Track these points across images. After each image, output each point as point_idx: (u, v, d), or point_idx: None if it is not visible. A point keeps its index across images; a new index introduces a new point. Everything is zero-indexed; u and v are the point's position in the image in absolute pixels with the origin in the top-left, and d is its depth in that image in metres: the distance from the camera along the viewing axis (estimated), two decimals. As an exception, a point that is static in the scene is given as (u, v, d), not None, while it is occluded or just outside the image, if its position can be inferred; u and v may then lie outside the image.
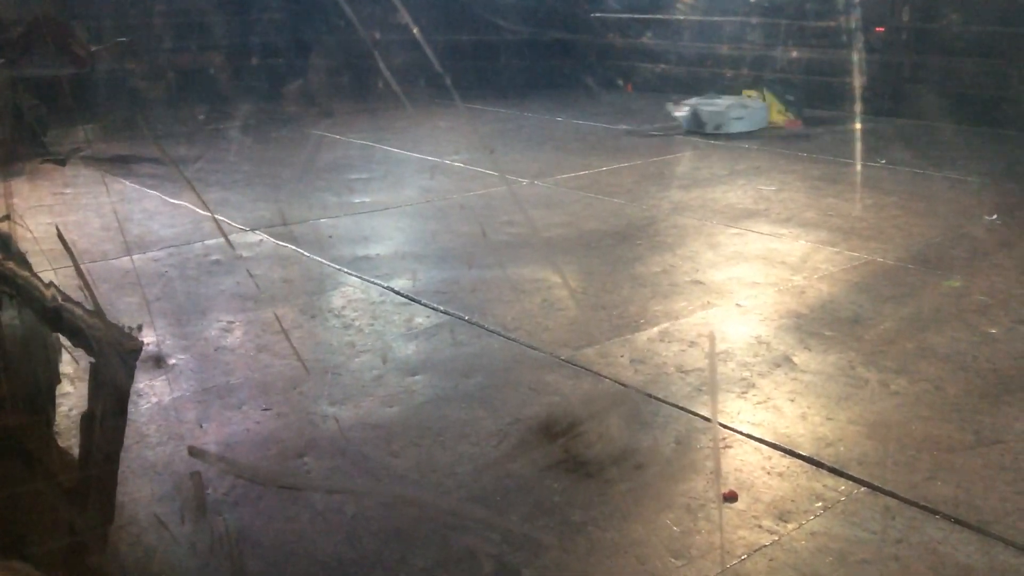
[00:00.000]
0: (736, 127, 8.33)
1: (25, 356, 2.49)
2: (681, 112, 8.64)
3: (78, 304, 2.29)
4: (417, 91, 11.01)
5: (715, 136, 8.56)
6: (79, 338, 2.10)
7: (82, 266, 4.92)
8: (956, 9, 9.33)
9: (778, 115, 8.99)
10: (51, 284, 2.38)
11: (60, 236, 2.73)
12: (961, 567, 2.59)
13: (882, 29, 9.85)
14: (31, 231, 3.10)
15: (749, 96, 9.14)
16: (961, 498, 2.90)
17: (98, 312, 2.11)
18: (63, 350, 3.08)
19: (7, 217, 2.91)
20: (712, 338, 4.17)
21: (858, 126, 9.18)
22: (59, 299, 2.19)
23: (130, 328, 2.09)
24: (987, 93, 9.10)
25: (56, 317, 2.13)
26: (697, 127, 8.46)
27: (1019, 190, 6.82)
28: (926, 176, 7.24)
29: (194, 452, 3.16)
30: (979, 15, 9.16)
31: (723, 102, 8.58)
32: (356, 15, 10.86)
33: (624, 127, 9.40)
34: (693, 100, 8.81)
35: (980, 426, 3.35)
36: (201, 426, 3.43)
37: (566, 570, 2.62)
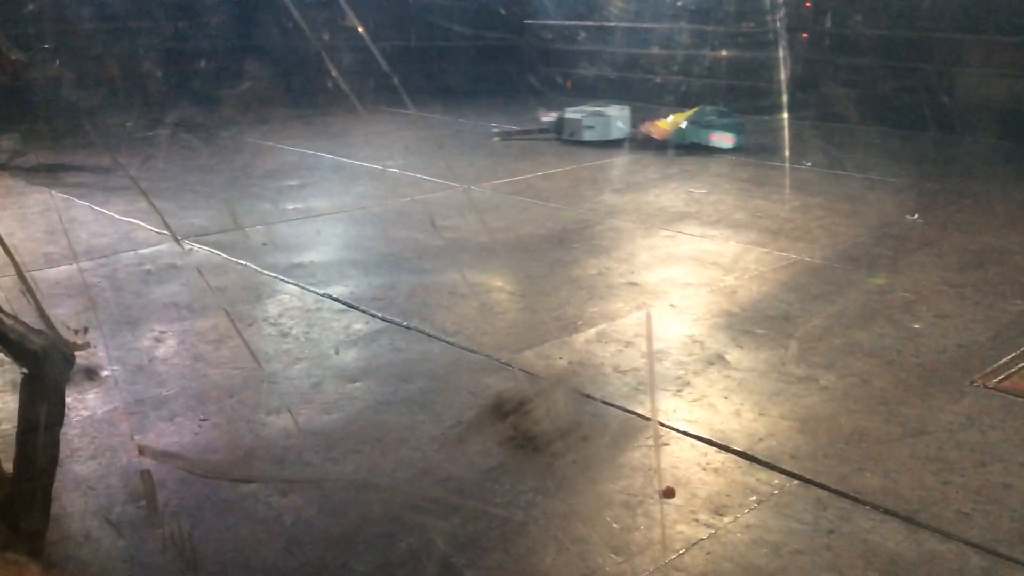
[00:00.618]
0: (587, 135, 8.86)
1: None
2: (549, 118, 9.31)
3: (5, 312, 2.25)
4: (355, 96, 10.95)
5: (575, 142, 8.98)
6: (11, 349, 2.06)
7: (4, 278, 4.80)
8: (877, 15, 9.63)
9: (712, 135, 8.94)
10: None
11: (5, 247, 2.67)
12: (891, 555, 2.68)
13: (806, 35, 10.12)
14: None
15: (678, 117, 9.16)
16: (889, 488, 3.00)
17: (43, 317, 2.07)
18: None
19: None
20: (647, 338, 4.24)
21: (784, 129, 9.40)
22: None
23: (75, 331, 2.05)
24: (906, 96, 9.40)
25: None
26: (558, 132, 9.08)
27: (938, 190, 7.07)
28: (850, 177, 7.45)
29: (144, 450, 3.11)
30: (902, 20, 9.45)
31: (580, 113, 9.05)
32: (301, 19, 10.77)
33: (494, 127, 9.78)
34: (572, 108, 9.36)
35: (906, 418, 3.47)
36: (134, 438, 3.37)
37: (509, 569, 2.65)
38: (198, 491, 3.04)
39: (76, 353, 3.52)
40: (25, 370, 2.12)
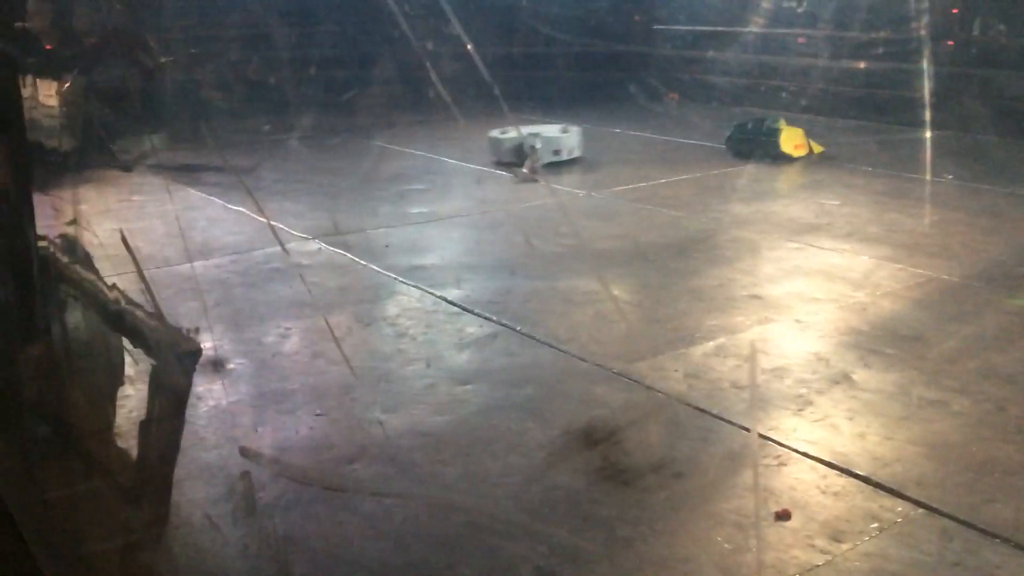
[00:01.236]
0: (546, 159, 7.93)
1: (88, 358, 2.56)
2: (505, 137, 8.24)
3: (140, 307, 2.35)
4: (471, 103, 11.07)
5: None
6: (139, 340, 2.16)
7: (146, 271, 5.05)
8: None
9: (794, 148, 8.46)
10: (114, 287, 2.44)
11: (124, 241, 2.81)
12: (1022, 594, 2.51)
13: (952, 43, 9.64)
14: (97, 236, 3.19)
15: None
16: (1022, 521, 2.81)
17: (158, 315, 2.16)
18: (126, 353, 3.16)
19: (74, 222, 3.00)
20: (769, 354, 4.12)
21: (925, 141, 8.98)
22: (121, 302, 2.25)
23: (188, 331, 2.14)
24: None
25: (118, 319, 2.19)
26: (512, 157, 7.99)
27: (1092, 207, 6.61)
28: (992, 192, 7.06)
29: (246, 453, 3.21)
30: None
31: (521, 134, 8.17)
32: (410, 27, 10.96)
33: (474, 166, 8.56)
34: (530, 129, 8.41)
35: (1046, 449, 3.25)
36: (256, 430, 3.48)
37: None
38: (313, 485, 3.11)
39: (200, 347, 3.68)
40: (154, 362, 2.21)
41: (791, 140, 8.36)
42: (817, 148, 8.39)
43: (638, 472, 3.16)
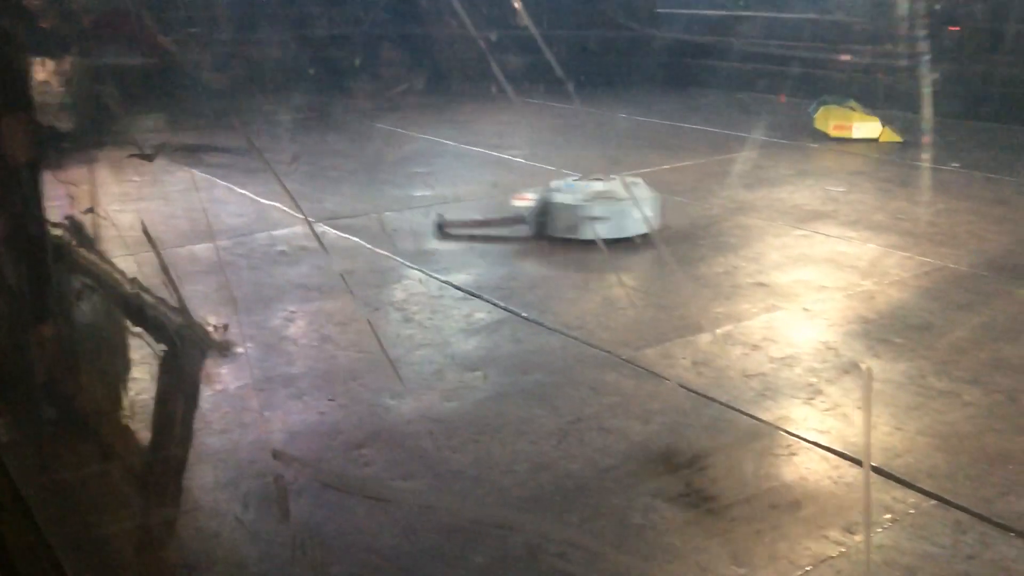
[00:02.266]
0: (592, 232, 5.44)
1: (100, 343, 2.54)
2: (524, 202, 5.77)
3: (160, 299, 2.33)
4: (475, 86, 11.02)
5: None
6: (161, 333, 2.13)
7: (144, 255, 5.01)
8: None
9: (889, 133, 8.36)
10: (134, 279, 2.41)
11: (144, 229, 2.78)
12: (1036, 587, 2.50)
13: (956, 28, 9.59)
14: (110, 219, 3.16)
15: (854, 108, 8.54)
16: (1037, 515, 2.81)
17: (183, 309, 2.14)
18: (142, 339, 3.13)
19: (91, 209, 2.97)
20: (777, 342, 4.10)
21: (931, 128, 8.94)
22: (140, 293, 2.23)
23: (215, 327, 2.11)
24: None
25: (139, 312, 2.17)
26: (539, 227, 5.56)
27: (1099, 197, 6.59)
28: (1002, 181, 7.03)
29: (277, 455, 3.20)
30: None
31: (575, 194, 5.62)
32: (421, 9, 10.89)
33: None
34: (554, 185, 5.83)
35: (1057, 441, 3.24)
36: (264, 415, 3.46)
37: (625, 573, 2.59)
38: (323, 473, 3.10)
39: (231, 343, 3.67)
40: (164, 348, 2.19)
41: (829, 119, 8.23)
42: (889, 136, 8.20)
43: (648, 462, 3.15)
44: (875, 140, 8.27)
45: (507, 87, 10.54)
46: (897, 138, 8.17)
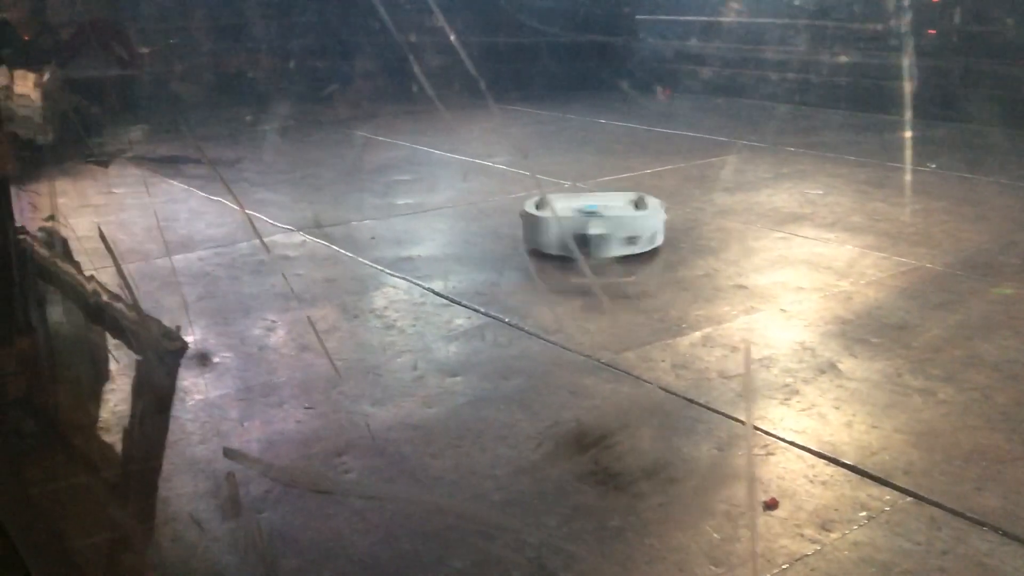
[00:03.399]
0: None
1: (72, 354, 2.53)
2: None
3: (123, 302, 2.33)
4: (456, 94, 11.03)
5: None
6: (123, 336, 2.13)
7: (128, 265, 5.00)
8: (1010, 12, 9.14)
9: None
10: (92, 278, 2.41)
11: (102, 236, 2.77)
12: (1010, 581, 2.53)
13: (934, 32, 9.68)
14: (73, 231, 3.15)
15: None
16: (1009, 510, 2.83)
17: (137, 311, 2.14)
18: (109, 348, 3.12)
19: (52, 217, 2.96)
20: (755, 344, 4.13)
21: (907, 131, 9.02)
22: (102, 297, 2.23)
23: (173, 328, 2.11)
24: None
25: (98, 314, 2.16)
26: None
27: (1073, 196, 6.66)
28: (976, 181, 7.10)
29: (230, 454, 3.19)
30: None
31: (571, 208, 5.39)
32: (393, 18, 10.90)
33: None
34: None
35: (1031, 437, 3.27)
36: (243, 424, 3.46)
37: (605, 574, 2.60)
38: (301, 480, 3.09)
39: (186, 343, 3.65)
40: (138, 357, 2.19)
41: None
42: None
43: (628, 465, 3.16)
44: None
45: (488, 96, 10.56)
46: None
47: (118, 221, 6.08)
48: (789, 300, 4.64)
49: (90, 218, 5.98)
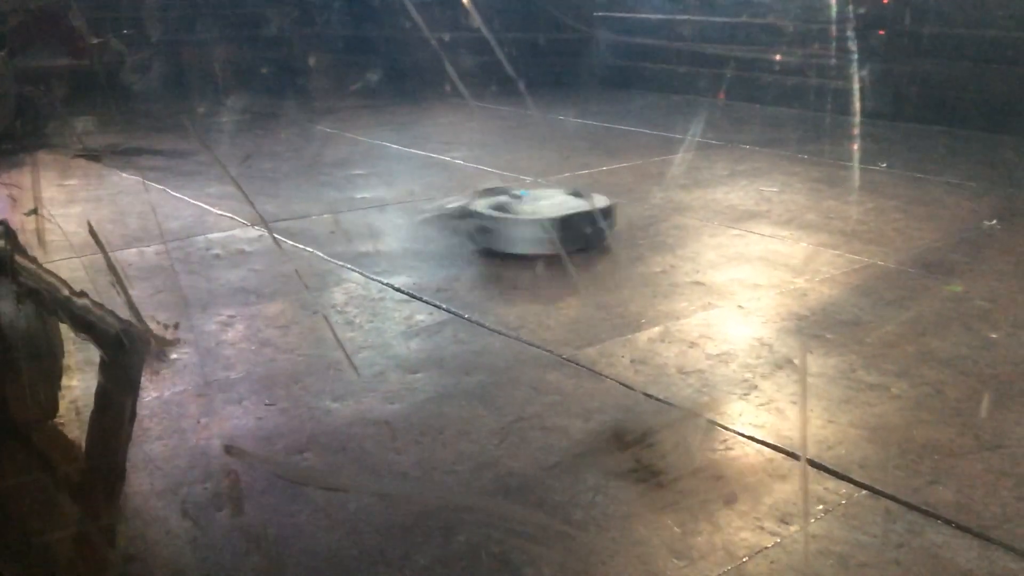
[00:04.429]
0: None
1: (29, 349, 2.49)
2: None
3: (85, 295, 2.29)
4: (419, 88, 11.00)
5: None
6: (90, 332, 2.10)
7: (82, 259, 4.92)
8: (958, 13, 9.34)
9: None
10: (52, 274, 2.37)
11: (92, 231, 2.73)
12: (962, 572, 2.59)
13: (883, 32, 9.86)
14: (59, 225, 3.09)
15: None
16: (962, 503, 2.91)
17: (100, 306, 2.11)
18: (66, 342, 3.07)
19: (35, 211, 2.91)
20: (713, 339, 4.18)
21: (858, 130, 9.18)
22: (67, 293, 2.19)
23: (166, 326, 2.08)
24: (989, 99, 9.11)
25: (66, 311, 2.13)
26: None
27: (1019, 195, 6.83)
28: (927, 180, 7.25)
29: (230, 451, 3.16)
30: (986, 18, 9.16)
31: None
32: (351, 13, 10.84)
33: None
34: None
35: (981, 430, 3.36)
36: (200, 421, 3.42)
37: (568, 569, 2.62)
38: (263, 475, 3.08)
39: (167, 348, 3.61)
40: (103, 353, 2.16)
41: None
42: None
43: (590, 458, 3.18)
44: None
45: (448, 90, 10.54)
46: None
47: (72, 214, 5.97)
48: (746, 297, 4.71)
49: (43, 210, 5.87)
